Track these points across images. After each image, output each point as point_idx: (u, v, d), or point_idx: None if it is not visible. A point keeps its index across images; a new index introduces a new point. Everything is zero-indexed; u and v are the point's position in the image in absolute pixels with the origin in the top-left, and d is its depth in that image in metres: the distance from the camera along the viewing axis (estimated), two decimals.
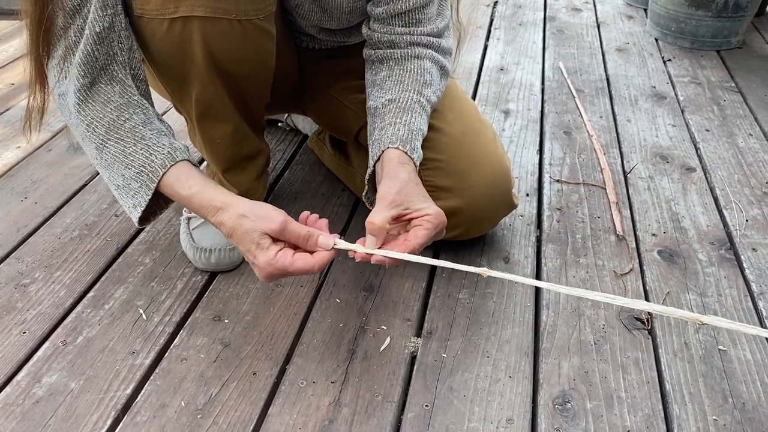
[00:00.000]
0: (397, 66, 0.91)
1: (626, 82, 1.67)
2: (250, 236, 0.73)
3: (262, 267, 0.73)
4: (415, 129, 0.86)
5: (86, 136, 0.80)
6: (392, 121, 0.86)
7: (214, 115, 0.90)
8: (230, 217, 0.75)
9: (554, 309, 0.94)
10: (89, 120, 0.79)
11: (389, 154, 0.83)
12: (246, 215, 0.74)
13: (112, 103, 0.79)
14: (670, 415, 0.79)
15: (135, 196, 0.80)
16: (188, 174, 0.78)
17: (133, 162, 0.78)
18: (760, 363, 0.86)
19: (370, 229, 0.76)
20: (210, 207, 0.76)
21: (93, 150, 0.80)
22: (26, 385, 0.81)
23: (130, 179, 0.79)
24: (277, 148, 1.34)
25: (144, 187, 0.78)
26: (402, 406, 0.80)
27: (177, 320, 0.91)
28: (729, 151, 1.36)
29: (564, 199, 1.19)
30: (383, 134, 0.85)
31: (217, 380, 0.82)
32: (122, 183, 0.80)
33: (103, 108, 0.79)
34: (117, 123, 0.79)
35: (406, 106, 0.87)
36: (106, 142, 0.79)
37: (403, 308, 0.94)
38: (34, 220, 1.11)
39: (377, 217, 0.76)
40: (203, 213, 0.77)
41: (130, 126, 0.79)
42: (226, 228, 0.75)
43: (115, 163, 0.79)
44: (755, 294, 0.97)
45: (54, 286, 0.97)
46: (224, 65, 0.85)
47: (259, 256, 0.73)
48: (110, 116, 0.79)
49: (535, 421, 0.78)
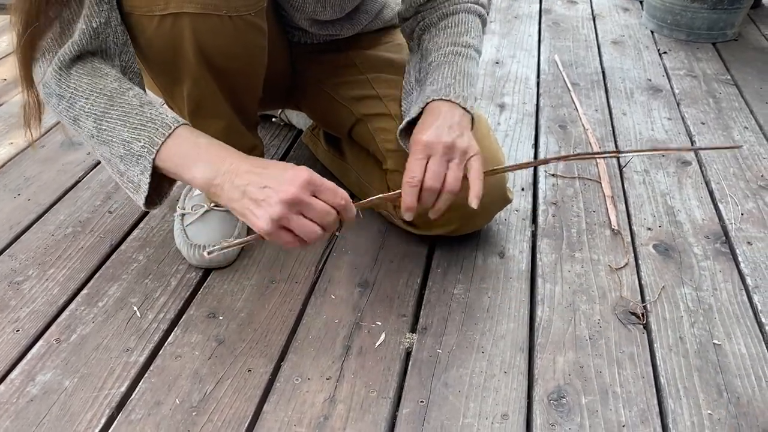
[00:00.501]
0: (435, 28, 0.93)
1: (622, 75, 1.66)
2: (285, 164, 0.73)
3: (299, 174, 0.70)
4: (450, 76, 0.87)
5: (84, 110, 0.76)
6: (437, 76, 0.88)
7: (206, 112, 0.90)
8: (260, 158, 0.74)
9: (549, 304, 0.94)
10: (88, 93, 0.75)
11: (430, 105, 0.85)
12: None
13: (110, 75, 0.77)
14: (665, 409, 0.79)
15: (139, 160, 0.75)
16: (201, 132, 0.77)
17: (140, 121, 0.74)
18: (755, 357, 0.86)
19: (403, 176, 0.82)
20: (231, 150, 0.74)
21: (91, 125, 0.76)
22: (20, 383, 0.81)
23: (133, 141, 0.74)
24: (271, 143, 1.33)
25: (148, 144, 0.74)
26: (397, 402, 0.80)
27: (171, 317, 0.91)
28: (725, 143, 1.36)
29: (559, 193, 1.19)
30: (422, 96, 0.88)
31: (211, 377, 0.82)
32: (124, 152, 0.75)
33: (102, 80, 0.76)
34: (120, 90, 0.76)
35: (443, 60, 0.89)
36: (108, 110, 0.75)
37: (398, 304, 0.94)
38: (27, 217, 1.11)
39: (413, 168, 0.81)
40: (225, 151, 0.74)
41: (133, 93, 0.76)
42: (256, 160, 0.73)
43: (116, 128, 0.75)
44: (750, 287, 0.98)
45: (47, 284, 0.96)
46: (215, 61, 0.84)
47: (294, 169, 0.71)
48: (112, 86, 0.76)
49: (530, 417, 0.78)
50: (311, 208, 0.71)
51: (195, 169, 0.73)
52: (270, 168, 0.72)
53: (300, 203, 0.70)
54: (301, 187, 0.70)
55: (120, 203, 1.14)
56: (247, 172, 0.72)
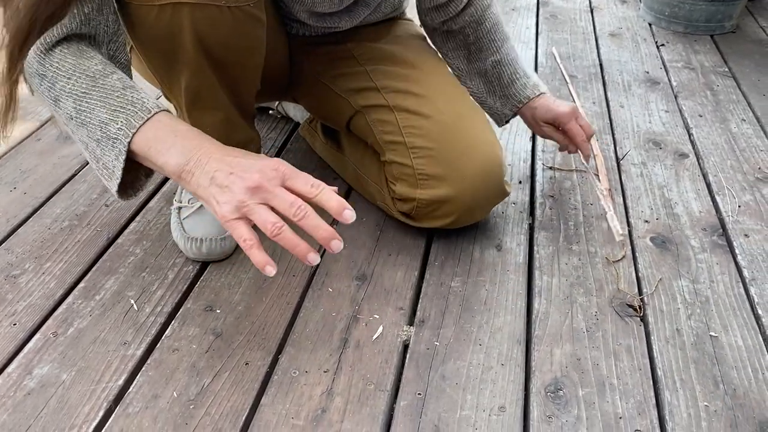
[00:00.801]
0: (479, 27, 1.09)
1: (619, 68, 1.66)
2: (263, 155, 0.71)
3: (269, 164, 0.67)
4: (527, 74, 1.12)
5: (65, 90, 0.73)
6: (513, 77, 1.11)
7: (204, 103, 0.89)
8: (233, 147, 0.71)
9: (546, 296, 0.94)
10: (70, 73, 0.73)
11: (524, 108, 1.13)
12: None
13: (96, 58, 0.75)
14: (662, 401, 0.79)
15: (115, 143, 0.72)
16: (181, 120, 0.75)
17: (120, 103, 0.72)
18: (751, 349, 0.86)
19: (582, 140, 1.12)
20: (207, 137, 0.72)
21: (70, 106, 0.73)
22: (17, 377, 0.81)
23: (109, 121, 0.71)
24: (268, 136, 1.33)
25: (126, 126, 0.71)
26: (395, 395, 0.80)
27: (168, 311, 0.91)
28: (722, 136, 1.36)
29: (556, 186, 1.19)
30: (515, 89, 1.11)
31: (209, 370, 0.82)
32: (101, 135, 0.72)
33: (88, 61, 0.74)
34: (104, 73, 0.73)
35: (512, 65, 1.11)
36: (89, 91, 0.73)
37: (396, 297, 0.94)
38: (24, 210, 1.10)
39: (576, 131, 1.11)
40: (201, 137, 0.71)
41: (118, 77, 0.74)
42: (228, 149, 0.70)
43: (95, 109, 0.72)
44: (747, 280, 0.98)
45: (44, 277, 0.96)
46: (214, 52, 0.84)
47: (267, 159, 0.68)
48: (96, 68, 0.74)
49: (527, 409, 0.78)
50: (275, 196, 0.67)
51: (168, 154, 0.70)
52: (243, 157, 0.69)
53: (264, 191, 0.67)
54: (267, 175, 0.67)
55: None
56: (218, 159, 0.69)
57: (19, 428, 0.75)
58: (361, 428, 0.75)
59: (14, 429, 0.75)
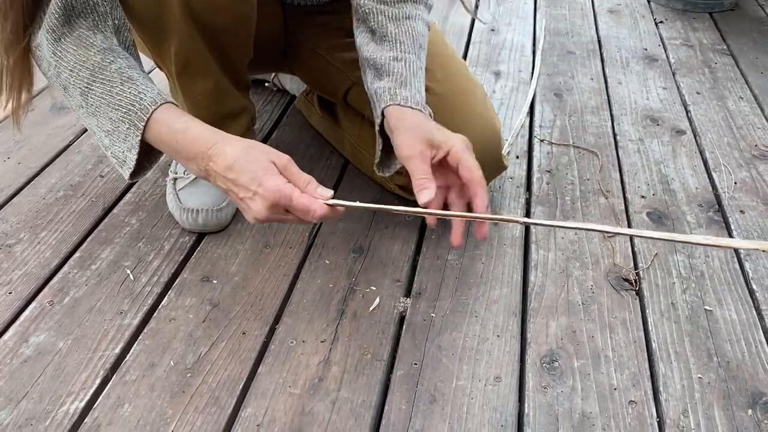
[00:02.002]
0: (390, 24, 0.88)
1: (618, 44, 1.65)
2: (260, 162, 0.70)
3: (268, 192, 0.69)
4: (421, 91, 0.86)
5: (70, 82, 0.76)
6: (401, 80, 0.84)
7: (194, 71, 0.88)
8: (235, 148, 0.71)
9: (542, 270, 0.95)
10: (72, 65, 0.75)
11: (393, 110, 0.82)
12: (253, 146, 0.72)
13: (95, 47, 0.76)
14: (656, 373, 0.80)
15: (126, 139, 0.75)
16: (180, 112, 0.75)
17: (121, 102, 0.74)
18: (745, 323, 0.87)
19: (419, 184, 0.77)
20: (209, 138, 0.72)
21: (78, 96, 0.76)
22: (13, 344, 0.81)
23: (119, 121, 0.75)
24: (264, 108, 1.32)
25: (133, 127, 0.74)
26: (391, 365, 0.80)
27: (165, 281, 0.91)
28: (719, 114, 1.36)
29: (554, 161, 1.19)
30: (391, 88, 0.84)
31: (206, 340, 0.82)
32: (111, 127, 0.76)
33: (86, 51, 0.75)
34: (102, 65, 0.75)
35: (412, 67, 0.86)
36: (91, 85, 0.75)
37: (393, 269, 0.94)
38: (18, 180, 1.09)
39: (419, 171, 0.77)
40: (198, 146, 0.72)
41: (115, 68, 0.75)
42: (228, 157, 0.70)
43: (101, 105, 0.75)
44: (742, 255, 0.98)
45: (39, 247, 0.96)
46: (202, 17, 0.82)
47: (268, 180, 0.69)
48: (94, 59, 0.75)
49: (522, 379, 0.79)
50: (286, 220, 0.73)
51: (181, 162, 0.76)
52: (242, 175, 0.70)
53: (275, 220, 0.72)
54: (270, 211, 0.70)
55: (112, 167, 1.13)
56: (224, 179, 0.72)
57: (16, 395, 0.75)
58: (358, 397, 0.76)
59: (11, 396, 0.75)
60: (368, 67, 0.89)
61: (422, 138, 0.78)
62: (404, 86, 0.84)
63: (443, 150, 0.78)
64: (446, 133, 0.80)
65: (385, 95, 0.83)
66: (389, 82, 0.84)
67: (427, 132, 0.79)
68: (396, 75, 0.85)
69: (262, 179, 0.69)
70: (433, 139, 0.78)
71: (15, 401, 0.74)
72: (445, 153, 0.78)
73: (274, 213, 0.70)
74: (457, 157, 0.77)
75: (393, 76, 0.85)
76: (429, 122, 0.82)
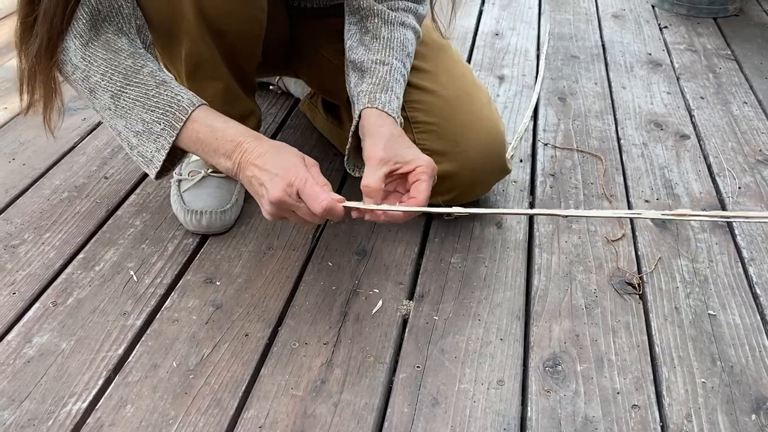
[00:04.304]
0: (384, 28, 0.90)
1: (622, 49, 1.65)
2: (290, 154, 0.76)
3: (287, 172, 0.74)
4: (399, 98, 0.88)
5: (100, 85, 0.78)
6: (382, 84, 0.86)
7: (204, 73, 0.89)
8: (270, 143, 0.77)
9: (546, 273, 0.94)
10: (103, 69, 0.77)
11: (370, 113, 0.84)
12: (286, 145, 0.78)
13: (124, 51, 0.78)
14: (659, 377, 0.80)
15: (158, 139, 0.78)
16: (217, 112, 0.80)
17: (158, 104, 0.77)
18: (749, 327, 0.87)
19: (367, 191, 0.78)
20: (247, 134, 0.78)
21: (107, 99, 0.79)
22: (17, 345, 0.81)
23: (152, 122, 0.78)
24: (268, 111, 1.32)
25: (169, 127, 0.78)
26: (394, 368, 0.80)
27: (168, 282, 0.91)
28: (723, 118, 1.36)
29: (557, 165, 1.19)
30: (372, 91, 0.85)
31: (209, 341, 0.82)
32: (143, 128, 0.78)
33: (116, 56, 0.77)
34: (135, 69, 0.78)
35: (394, 74, 0.88)
36: (125, 88, 0.77)
37: (396, 272, 0.94)
38: (23, 181, 1.10)
39: (371, 179, 0.78)
40: (236, 142, 0.77)
41: (148, 71, 0.78)
42: (263, 148, 0.76)
43: (134, 107, 0.78)
44: (746, 260, 0.98)
45: (43, 248, 0.96)
46: (214, 21, 0.83)
47: (291, 167, 0.74)
48: (126, 63, 0.77)
49: (525, 383, 0.79)
50: (297, 209, 0.76)
51: (215, 159, 0.79)
52: (270, 162, 0.75)
53: (286, 205, 0.75)
54: (283, 193, 0.74)
55: (116, 169, 1.13)
56: (252, 164, 0.76)
57: (19, 395, 0.75)
58: (361, 399, 0.76)
59: (14, 396, 0.75)
60: (353, 69, 0.90)
61: (390, 148, 0.80)
62: (384, 91, 0.86)
63: (407, 167, 0.80)
64: (416, 153, 0.81)
65: (364, 97, 0.85)
66: (371, 85, 0.86)
67: (396, 145, 0.81)
68: (379, 79, 0.86)
69: (287, 165, 0.75)
70: (400, 155, 0.80)
71: (18, 401, 0.74)
72: (408, 170, 0.80)
73: (287, 196, 0.74)
74: (416, 178, 0.79)
75: (375, 78, 0.86)
76: (403, 136, 0.83)
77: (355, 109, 0.86)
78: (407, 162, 0.80)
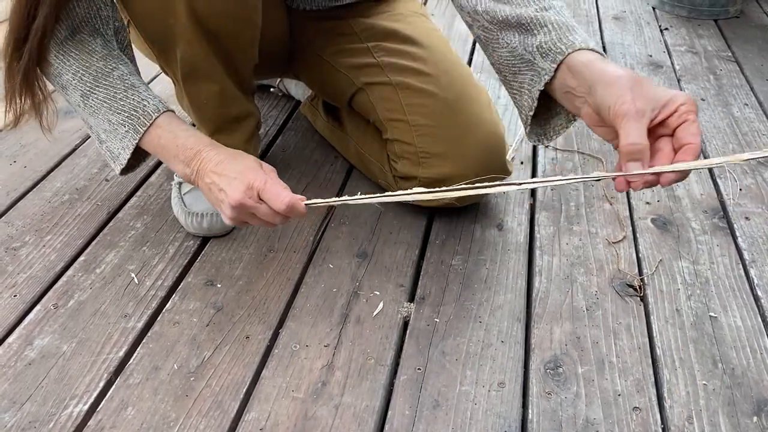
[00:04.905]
0: None
1: (622, 51, 1.65)
2: (248, 161, 0.77)
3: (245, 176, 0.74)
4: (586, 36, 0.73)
5: (71, 84, 0.79)
6: (565, 27, 0.71)
7: (200, 75, 0.89)
8: (228, 151, 0.78)
9: (547, 276, 0.94)
10: (75, 69, 0.79)
11: (582, 58, 0.68)
12: (243, 153, 0.79)
13: (96, 53, 0.79)
14: (660, 379, 0.80)
15: (122, 140, 0.80)
16: (181, 120, 0.81)
17: (124, 107, 0.79)
18: (750, 329, 0.87)
19: (634, 151, 0.62)
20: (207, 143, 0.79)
21: (78, 98, 0.80)
22: (18, 347, 0.81)
23: (118, 124, 0.79)
24: (269, 113, 1.32)
25: (132, 131, 0.79)
26: (395, 370, 0.80)
27: (169, 284, 0.91)
28: (724, 120, 1.36)
29: (558, 167, 1.19)
30: (560, 37, 0.70)
31: (209, 344, 0.82)
32: (109, 128, 0.80)
33: (89, 57, 0.79)
34: (105, 71, 0.79)
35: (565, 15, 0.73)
36: (94, 89, 0.79)
37: (396, 274, 0.94)
38: (24, 184, 1.10)
39: (635, 136, 0.62)
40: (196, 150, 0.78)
41: (118, 74, 0.79)
42: (222, 156, 0.77)
43: (102, 108, 0.79)
44: (747, 262, 0.98)
45: (45, 250, 0.96)
46: (208, 22, 0.83)
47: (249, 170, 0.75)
48: (97, 65, 0.79)
49: (526, 385, 0.79)
50: (257, 211, 0.76)
51: (174, 165, 0.80)
52: (228, 168, 0.76)
53: (246, 207, 0.75)
54: (243, 195, 0.75)
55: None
56: (211, 171, 0.77)
57: (20, 397, 0.75)
58: (361, 402, 0.76)
59: (15, 398, 0.75)
60: (507, 29, 0.76)
61: (642, 93, 0.63)
62: (573, 32, 0.71)
63: (667, 110, 0.63)
64: (667, 90, 0.65)
65: (555, 46, 0.70)
66: (553, 32, 0.71)
67: (644, 88, 0.64)
68: (555, 24, 0.72)
69: (245, 169, 0.75)
70: (657, 96, 0.64)
71: (19, 404, 0.74)
72: (668, 113, 0.63)
73: (247, 197, 0.74)
74: (681, 119, 0.63)
75: (552, 25, 0.72)
76: (639, 74, 0.66)
77: (543, 66, 0.71)
78: (665, 104, 0.63)
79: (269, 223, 0.77)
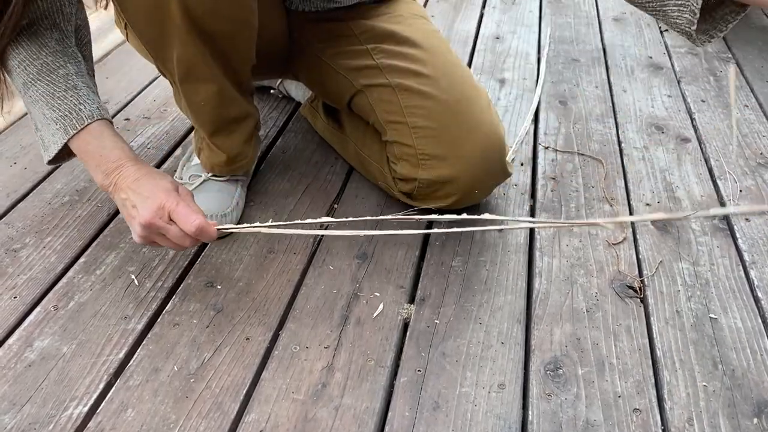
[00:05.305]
0: None
1: (623, 52, 1.65)
2: (164, 181, 0.80)
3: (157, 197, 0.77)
4: None
5: (15, 71, 0.81)
6: None
7: (197, 76, 0.89)
8: (148, 169, 0.82)
9: (547, 277, 0.94)
10: (21, 58, 0.80)
11: None
12: (163, 173, 0.82)
13: (47, 47, 0.81)
14: (661, 381, 0.80)
15: (53, 135, 0.82)
16: (113, 131, 0.83)
17: (60, 106, 0.80)
18: (750, 331, 0.87)
19: None
20: (131, 158, 0.82)
21: (20, 84, 0.82)
22: (18, 349, 0.81)
23: (51, 121, 0.81)
24: (269, 115, 1.33)
25: (62, 131, 0.81)
26: (395, 371, 0.80)
27: (169, 286, 0.91)
28: (724, 121, 1.36)
29: (558, 168, 1.19)
30: None
31: (209, 345, 0.82)
32: (44, 120, 0.82)
33: (39, 50, 0.81)
34: (51, 67, 0.81)
35: None
36: (35, 81, 0.81)
37: (397, 276, 0.94)
38: (24, 185, 1.10)
39: None
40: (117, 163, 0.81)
41: (63, 73, 0.81)
42: (140, 173, 0.80)
43: (39, 101, 0.81)
44: (747, 263, 0.98)
45: (45, 252, 0.96)
46: (203, 23, 0.82)
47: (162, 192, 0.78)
48: (45, 59, 0.80)
49: (526, 387, 0.79)
50: (167, 232, 0.79)
51: (95, 171, 0.82)
52: (144, 187, 0.79)
53: (156, 227, 0.78)
54: (154, 214, 0.78)
55: None
56: (127, 187, 0.80)
57: (20, 399, 0.75)
58: (362, 403, 0.76)
59: (15, 400, 0.75)
60: None
61: None
62: None
63: None
64: None
65: None
66: None
67: None
68: None
69: (158, 190, 0.78)
70: None
71: (19, 405, 0.74)
72: None
73: (157, 218, 0.77)
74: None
75: None
76: None
77: None
78: None
79: (178, 245, 0.80)
